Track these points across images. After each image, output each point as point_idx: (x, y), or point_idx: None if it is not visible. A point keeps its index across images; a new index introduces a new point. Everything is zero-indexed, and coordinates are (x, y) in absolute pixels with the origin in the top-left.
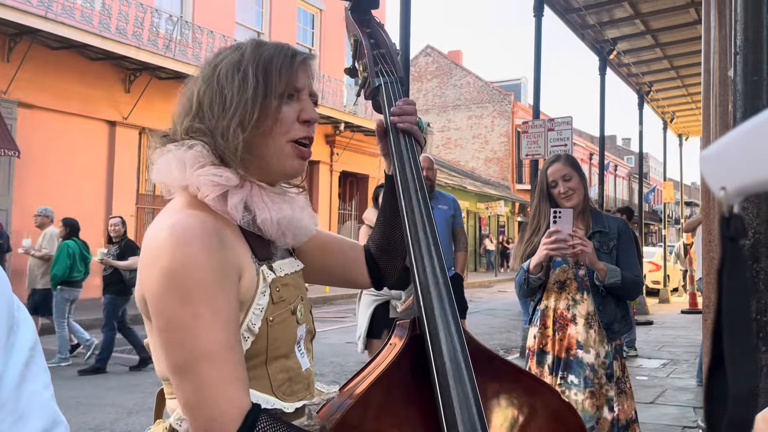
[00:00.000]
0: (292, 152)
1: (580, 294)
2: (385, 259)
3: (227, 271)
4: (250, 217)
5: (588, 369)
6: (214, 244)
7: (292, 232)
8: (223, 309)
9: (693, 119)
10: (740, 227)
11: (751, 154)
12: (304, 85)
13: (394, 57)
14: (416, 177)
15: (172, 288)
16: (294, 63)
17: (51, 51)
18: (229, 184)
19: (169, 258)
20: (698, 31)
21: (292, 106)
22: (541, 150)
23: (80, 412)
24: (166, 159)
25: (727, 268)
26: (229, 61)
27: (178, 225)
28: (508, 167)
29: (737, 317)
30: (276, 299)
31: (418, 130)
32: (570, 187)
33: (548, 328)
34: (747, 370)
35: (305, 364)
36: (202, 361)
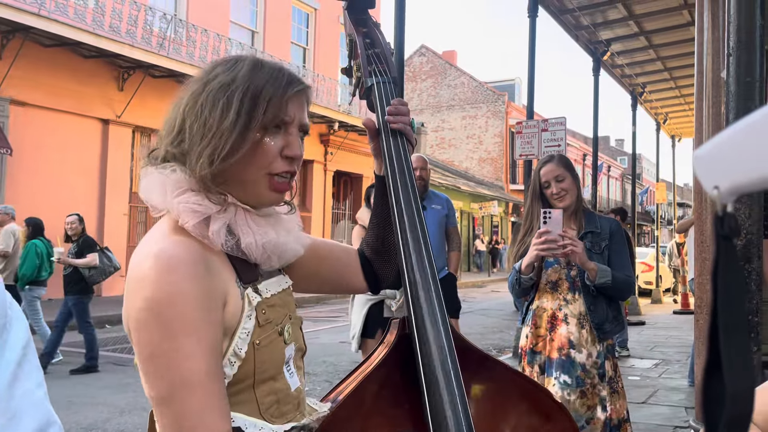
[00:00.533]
0: (267, 185)
1: (571, 294)
2: (380, 261)
3: (212, 299)
4: (233, 242)
5: (580, 369)
6: (199, 272)
7: (277, 255)
8: (206, 339)
9: (686, 120)
10: (734, 226)
11: (744, 154)
12: (293, 117)
13: (389, 57)
14: (408, 177)
15: (153, 319)
16: (286, 94)
17: (44, 48)
18: (206, 210)
19: (152, 288)
20: (691, 32)
21: (276, 140)
22: (534, 150)
23: (72, 411)
24: (148, 180)
25: (721, 266)
26: (219, 82)
27: (163, 253)
28: (501, 167)
29: (732, 316)
30: (262, 322)
31: (410, 131)
32: (563, 188)
33: (540, 328)
34: (744, 368)
35: (294, 384)
36: (182, 390)
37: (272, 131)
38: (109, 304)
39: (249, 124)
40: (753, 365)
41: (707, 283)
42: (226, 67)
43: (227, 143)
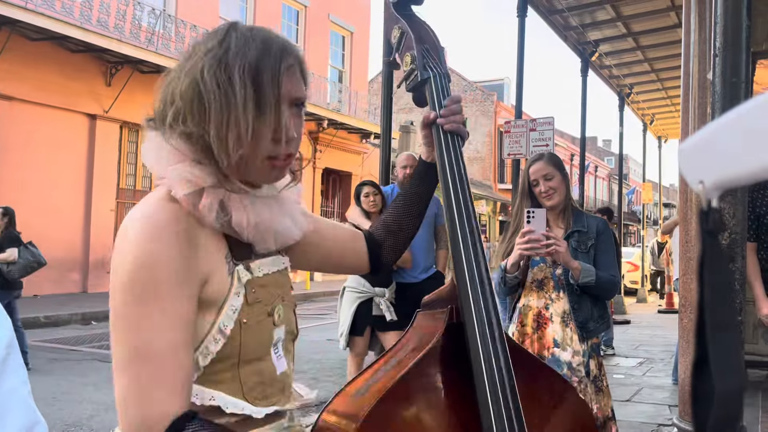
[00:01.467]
0: (268, 167)
1: (556, 293)
2: (389, 243)
3: (189, 272)
4: (225, 219)
5: (565, 367)
6: (181, 242)
7: (272, 236)
8: (173, 311)
9: (672, 122)
10: (719, 221)
11: (729, 148)
12: (287, 92)
13: (440, 52)
14: (462, 175)
15: (127, 282)
16: (281, 68)
17: (30, 42)
18: (202, 184)
19: (131, 251)
20: (678, 34)
21: (270, 121)
22: (522, 150)
23: (56, 408)
24: (149, 149)
25: (707, 262)
26: (212, 58)
27: (148, 218)
28: (490, 167)
29: (720, 312)
30: (251, 300)
31: (464, 129)
32: (551, 187)
33: (527, 327)
34: (732, 366)
35: (281, 367)
36: (139, 360)
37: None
38: (94, 301)
39: (260, 103)
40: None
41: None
42: (214, 42)
43: (248, 125)
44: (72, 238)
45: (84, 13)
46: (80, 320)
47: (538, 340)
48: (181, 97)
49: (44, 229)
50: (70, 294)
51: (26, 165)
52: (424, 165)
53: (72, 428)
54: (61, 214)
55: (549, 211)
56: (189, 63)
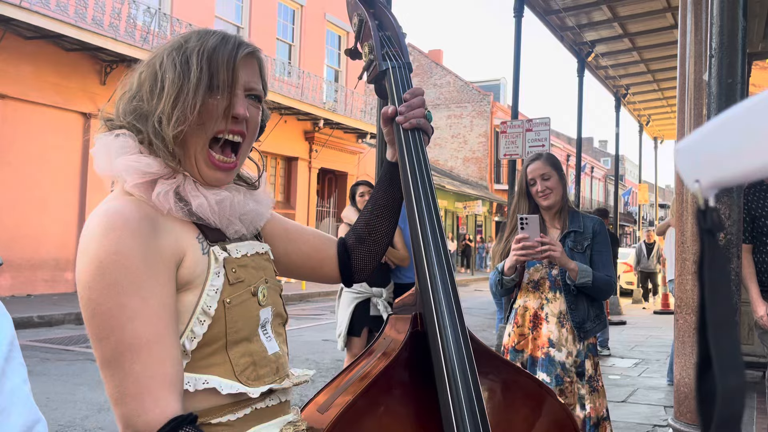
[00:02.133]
0: (206, 160)
1: (552, 293)
2: (360, 251)
3: (160, 258)
4: (186, 208)
5: (559, 367)
6: (144, 229)
7: (237, 217)
8: (153, 299)
9: (668, 122)
10: (717, 219)
11: (725, 147)
12: (240, 79)
13: (401, 40)
14: (425, 171)
15: (98, 276)
16: (237, 56)
17: (25, 41)
18: (150, 171)
19: (96, 245)
20: (674, 35)
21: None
22: (519, 150)
23: (50, 408)
24: (97, 150)
25: (707, 261)
26: (172, 45)
27: (109, 211)
28: (486, 167)
29: (721, 310)
30: (232, 280)
31: (426, 124)
32: (548, 186)
33: (523, 327)
34: (734, 364)
35: (272, 348)
36: (127, 354)
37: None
38: None
39: (211, 83)
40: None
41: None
42: (178, 36)
43: (196, 101)
44: (66, 238)
45: (79, 12)
46: (74, 320)
47: (534, 340)
48: (139, 83)
49: (38, 228)
50: (63, 294)
51: (20, 163)
52: (389, 166)
53: (66, 428)
54: (55, 212)
55: (545, 211)
56: (150, 56)
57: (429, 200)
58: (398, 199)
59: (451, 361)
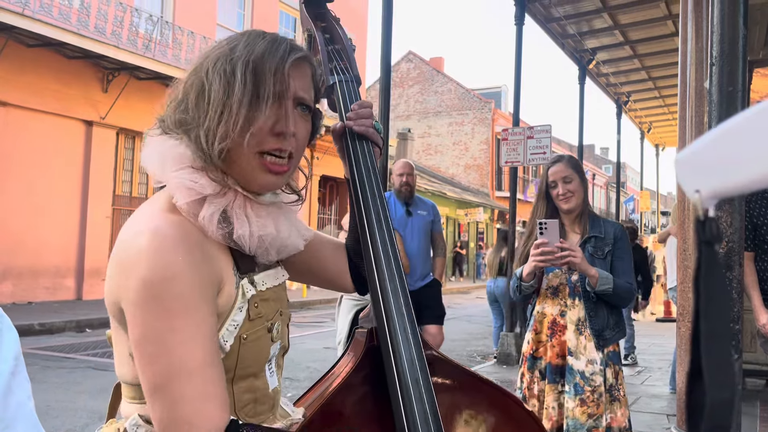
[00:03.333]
0: (259, 166)
1: (571, 300)
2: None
3: (208, 285)
4: (227, 231)
5: (578, 376)
6: (196, 255)
7: (276, 249)
8: (203, 323)
9: (669, 130)
10: (715, 230)
11: (725, 157)
12: (288, 89)
13: (350, 54)
14: (374, 182)
15: (149, 299)
16: (286, 64)
17: (27, 48)
18: (204, 192)
19: (147, 267)
20: (675, 43)
21: (269, 115)
22: (520, 158)
23: (51, 416)
24: (149, 150)
25: (703, 272)
26: (219, 53)
27: (160, 231)
28: (487, 174)
29: (715, 322)
30: (253, 316)
31: (375, 134)
32: (569, 190)
33: (541, 334)
34: (725, 376)
35: (273, 384)
36: (178, 377)
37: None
38: (89, 308)
39: (255, 96)
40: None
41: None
42: (226, 41)
43: (239, 117)
44: (67, 245)
45: (81, 20)
46: (75, 328)
47: (553, 347)
48: (185, 91)
49: (39, 236)
50: (64, 301)
51: (22, 171)
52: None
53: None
54: (57, 220)
55: (565, 214)
56: (198, 62)
57: (378, 209)
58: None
59: (404, 374)
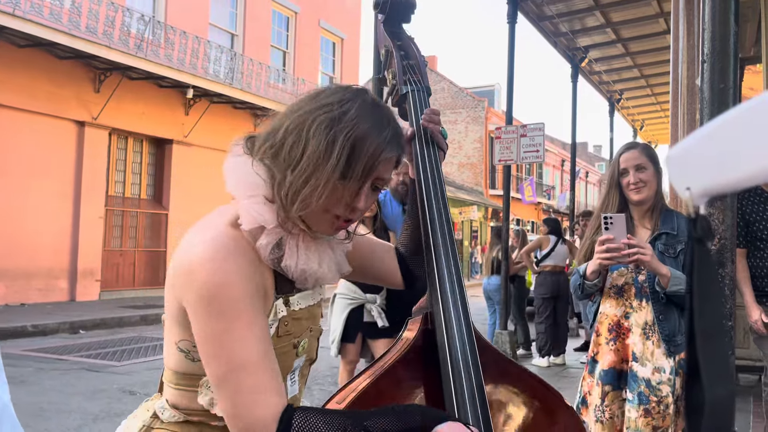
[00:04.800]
0: (330, 222)
1: (638, 301)
2: (415, 261)
3: (257, 293)
4: (276, 257)
5: (643, 384)
6: (245, 266)
7: (314, 280)
8: (254, 325)
9: (662, 127)
10: (706, 228)
11: (716, 155)
12: (377, 173)
13: (423, 69)
14: (438, 184)
15: (208, 303)
16: (383, 153)
17: (18, 49)
18: (263, 222)
19: (206, 274)
20: (667, 40)
21: (353, 197)
22: (513, 156)
23: (43, 418)
24: (233, 164)
25: (696, 270)
26: (329, 115)
27: (217, 241)
28: (481, 173)
29: (710, 320)
30: (281, 333)
31: (441, 138)
32: (642, 179)
33: (601, 336)
34: (722, 374)
35: (293, 392)
36: (237, 371)
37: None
38: (82, 309)
39: (346, 173)
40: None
41: None
42: (340, 98)
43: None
44: (60, 246)
45: (72, 20)
46: (68, 329)
47: (616, 351)
48: (285, 133)
49: (32, 237)
50: (57, 302)
51: (14, 172)
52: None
53: None
54: (49, 221)
55: (635, 206)
56: (309, 106)
57: (441, 209)
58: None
59: (455, 356)
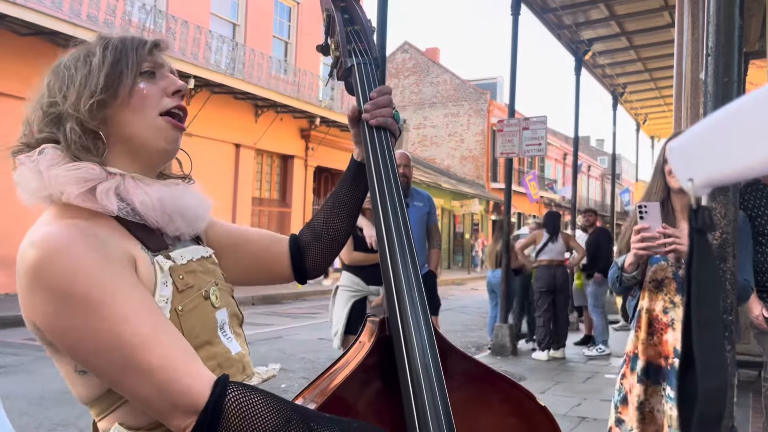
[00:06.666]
0: (165, 124)
1: (679, 296)
2: (316, 249)
3: (117, 261)
4: (128, 207)
5: None
6: (92, 243)
7: (179, 214)
8: (131, 296)
9: (665, 121)
10: (708, 219)
11: (718, 146)
12: (162, 62)
13: (369, 35)
14: (391, 171)
15: (65, 303)
16: (147, 44)
17: (19, 37)
18: (91, 177)
19: (47, 274)
20: (672, 34)
21: (155, 83)
22: (515, 149)
23: (44, 407)
24: (21, 173)
25: (695, 261)
26: (74, 51)
27: (48, 237)
28: (483, 166)
29: (707, 311)
30: (181, 287)
31: (393, 124)
32: None
33: (641, 331)
34: (717, 364)
35: (235, 348)
36: (137, 352)
37: (146, 77)
38: None
39: (117, 64)
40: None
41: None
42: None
43: (101, 77)
44: None
45: (74, 8)
46: None
47: (653, 346)
48: (49, 87)
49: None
50: None
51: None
52: (355, 164)
53: (59, 427)
54: None
55: (676, 194)
56: (53, 65)
57: (394, 199)
58: (360, 199)
59: (415, 364)
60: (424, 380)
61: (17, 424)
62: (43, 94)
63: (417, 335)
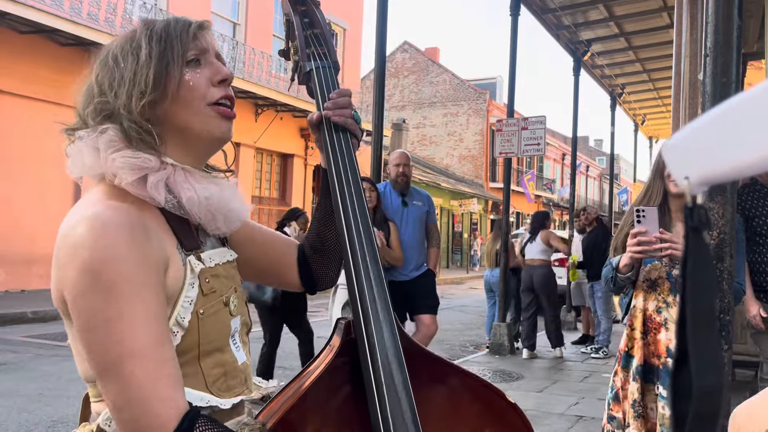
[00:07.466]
0: (215, 114)
1: (672, 296)
2: (318, 260)
3: (153, 263)
4: (175, 200)
5: None
6: (138, 236)
7: (222, 214)
8: (149, 304)
9: (663, 122)
10: (704, 217)
11: (714, 144)
12: (207, 46)
13: (329, 39)
14: (352, 174)
15: (93, 284)
16: (190, 28)
17: (20, 35)
18: (147, 166)
19: (89, 252)
20: (670, 35)
21: (201, 72)
22: (514, 149)
23: (43, 404)
24: (78, 147)
25: (691, 259)
26: (121, 40)
27: (98, 217)
28: (482, 165)
29: (702, 309)
30: (206, 291)
31: (353, 124)
32: None
33: (635, 330)
34: (712, 363)
35: (241, 358)
36: (128, 359)
37: (192, 66)
38: None
39: (164, 57)
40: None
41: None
42: (124, 33)
43: (149, 75)
44: None
45: (74, 7)
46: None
47: (647, 346)
48: (98, 81)
49: (33, 223)
50: None
51: (15, 159)
52: (324, 172)
53: (59, 425)
54: (51, 208)
55: (674, 198)
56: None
57: (355, 200)
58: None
59: (379, 368)
60: (387, 381)
61: (16, 421)
62: (92, 87)
63: (379, 336)
